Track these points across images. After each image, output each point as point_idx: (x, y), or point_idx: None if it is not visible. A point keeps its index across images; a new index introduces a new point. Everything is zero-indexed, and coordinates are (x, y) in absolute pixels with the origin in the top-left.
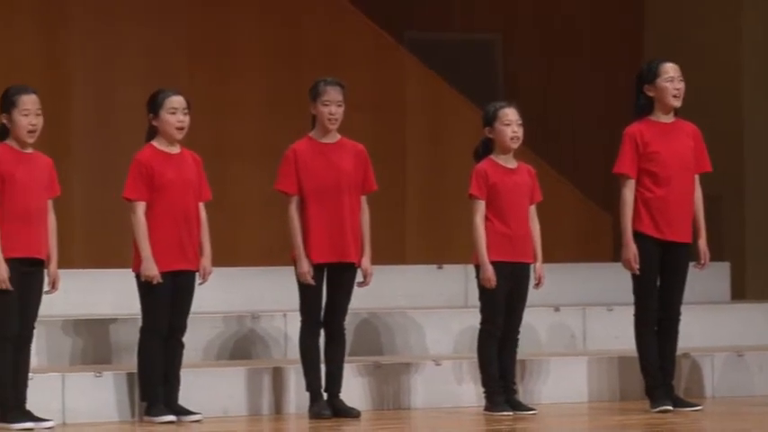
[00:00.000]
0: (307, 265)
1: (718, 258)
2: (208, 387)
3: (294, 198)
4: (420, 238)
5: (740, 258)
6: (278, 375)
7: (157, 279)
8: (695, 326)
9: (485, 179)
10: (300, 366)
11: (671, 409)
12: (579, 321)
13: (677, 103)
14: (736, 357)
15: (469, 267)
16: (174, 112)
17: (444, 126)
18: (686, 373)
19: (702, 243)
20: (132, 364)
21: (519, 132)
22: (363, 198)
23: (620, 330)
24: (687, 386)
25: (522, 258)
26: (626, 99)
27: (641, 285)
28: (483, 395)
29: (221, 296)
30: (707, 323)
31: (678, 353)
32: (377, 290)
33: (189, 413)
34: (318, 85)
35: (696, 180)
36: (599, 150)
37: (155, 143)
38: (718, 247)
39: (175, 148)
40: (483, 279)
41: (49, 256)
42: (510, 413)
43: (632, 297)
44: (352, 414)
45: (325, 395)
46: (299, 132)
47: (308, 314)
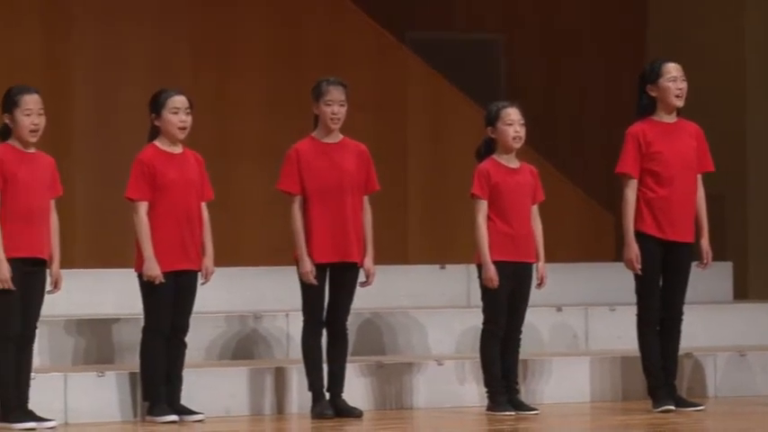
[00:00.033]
0: (309, 265)
1: (720, 258)
2: (210, 387)
3: (297, 198)
4: (422, 237)
5: (743, 258)
6: (280, 375)
7: (160, 279)
8: (698, 326)
9: (487, 179)
10: (303, 366)
11: (673, 408)
12: (581, 321)
13: (680, 103)
14: (739, 357)
15: (472, 267)
16: (177, 112)
17: (446, 126)
18: (689, 373)
19: (705, 243)
20: (135, 364)
21: (521, 132)
22: (366, 198)
23: (622, 330)
24: (689, 386)
25: (525, 258)
26: (628, 99)
27: (644, 285)
28: (485, 395)
29: (224, 296)
30: (709, 323)
31: (680, 353)
32: (379, 290)
33: (191, 413)
34: (321, 85)
35: (699, 180)
36: (601, 150)
37: (157, 143)
38: (720, 247)
39: (178, 148)
40: (485, 279)
41: (52, 255)
42: (512, 413)
43: (635, 297)
44: (355, 414)
45: (327, 395)
46: (300, 132)
47: (310, 314)
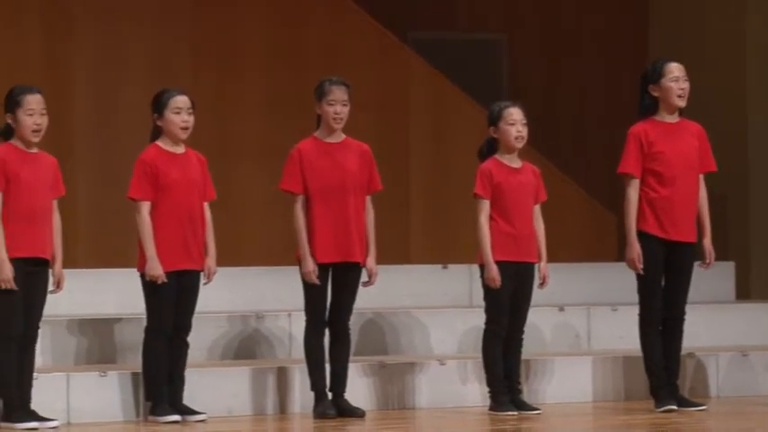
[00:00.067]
0: (312, 265)
1: (722, 258)
2: (212, 387)
3: (299, 198)
4: (424, 237)
5: (745, 258)
6: (282, 375)
7: (162, 279)
8: (700, 326)
9: (489, 179)
10: (305, 366)
11: (675, 408)
12: (584, 321)
13: (682, 103)
14: (741, 357)
15: (474, 267)
16: (179, 112)
17: (448, 125)
18: (691, 373)
19: (707, 242)
20: (137, 364)
21: (523, 132)
22: (368, 198)
23: (624, 330)
24: (692, 386)
25: (527, 258)
26: (630, 99)
27: (646, 285)
28: (488, 395)
29: (226, 296)
30: (712, 323)
31: (683, 352)
32: (382, 290)
33: (193, 413)
34: (324, 85)
35: (701, 180)
36: (603, 150)
37: (159, 143)
38: (722, 247)
39: (180, 148)
40: (487, 279)
41: (54, 255)
42: (515, 413)
43: (637, 297)
44: (357, 414)
45: (329, 395)
46: (302, 132)
47: (312, 314)
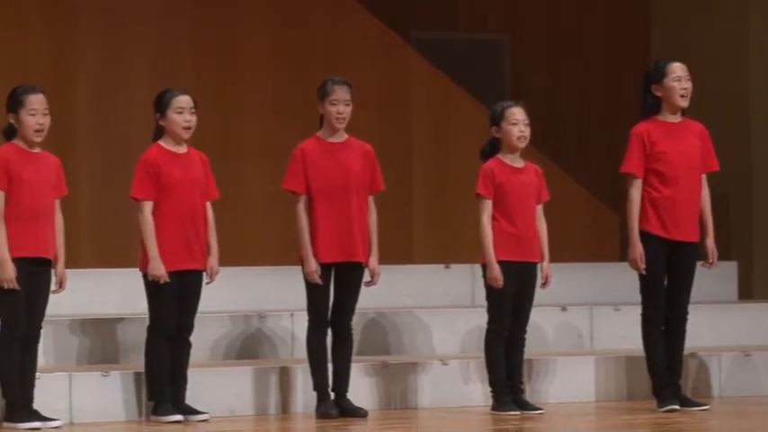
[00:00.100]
0: (314, 265)
1: (725, 258)
2: (215, 386)
3: (302, 197)
4: (427, 237)
5: (747, 258)
6: (285, 375)
7: (164, 278)
8: (702, 325)
9: (491, 178)
10: (308, 366)
11: (678, 408)
12: (586, 321)
13: (684, 103)
14: (744, 357)
15: (476, 267)
16: (182, 112)
17: (450, 125)
18: (693, 373)
19: (710, 242)
20: (139, 364)
21: (526, 132)
22: (371, 198)
23: (627, 330)
24: (694, 386)
25: (530, 258)
26: (633, 99)
27: (648, 285)
28: (490, 395)
29: (228, 296)
30: (714, 323)
31: (685, 352)
32: (384, 289)
33: (196, 413)
34: (326, 85)
35: (703, 179)
36: (606, 150)
37: (162, 143)
38: (725, 247)
39: (182, 148)
40: (490, 279)
41: (57, 255)
42: (517, 413)
43: (639, 297)
44: (360, 414)
45: (332, 395)
46: (304, 132)
47: (315, 313)
